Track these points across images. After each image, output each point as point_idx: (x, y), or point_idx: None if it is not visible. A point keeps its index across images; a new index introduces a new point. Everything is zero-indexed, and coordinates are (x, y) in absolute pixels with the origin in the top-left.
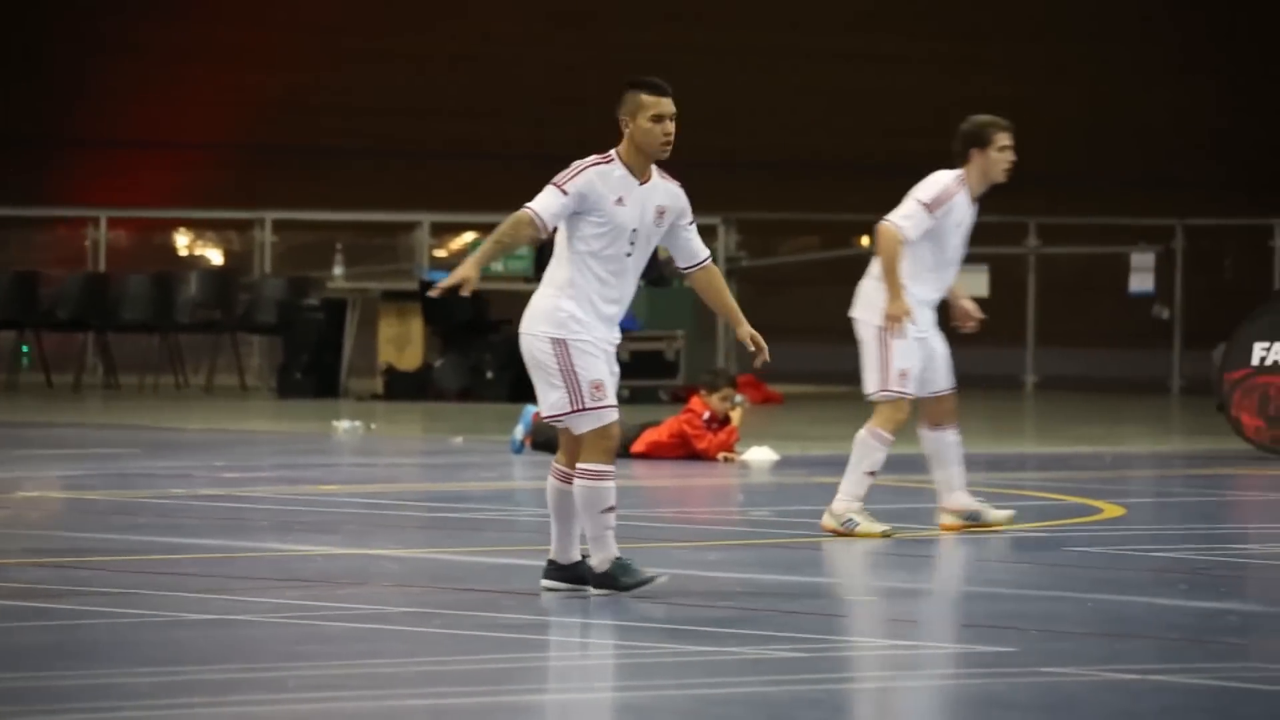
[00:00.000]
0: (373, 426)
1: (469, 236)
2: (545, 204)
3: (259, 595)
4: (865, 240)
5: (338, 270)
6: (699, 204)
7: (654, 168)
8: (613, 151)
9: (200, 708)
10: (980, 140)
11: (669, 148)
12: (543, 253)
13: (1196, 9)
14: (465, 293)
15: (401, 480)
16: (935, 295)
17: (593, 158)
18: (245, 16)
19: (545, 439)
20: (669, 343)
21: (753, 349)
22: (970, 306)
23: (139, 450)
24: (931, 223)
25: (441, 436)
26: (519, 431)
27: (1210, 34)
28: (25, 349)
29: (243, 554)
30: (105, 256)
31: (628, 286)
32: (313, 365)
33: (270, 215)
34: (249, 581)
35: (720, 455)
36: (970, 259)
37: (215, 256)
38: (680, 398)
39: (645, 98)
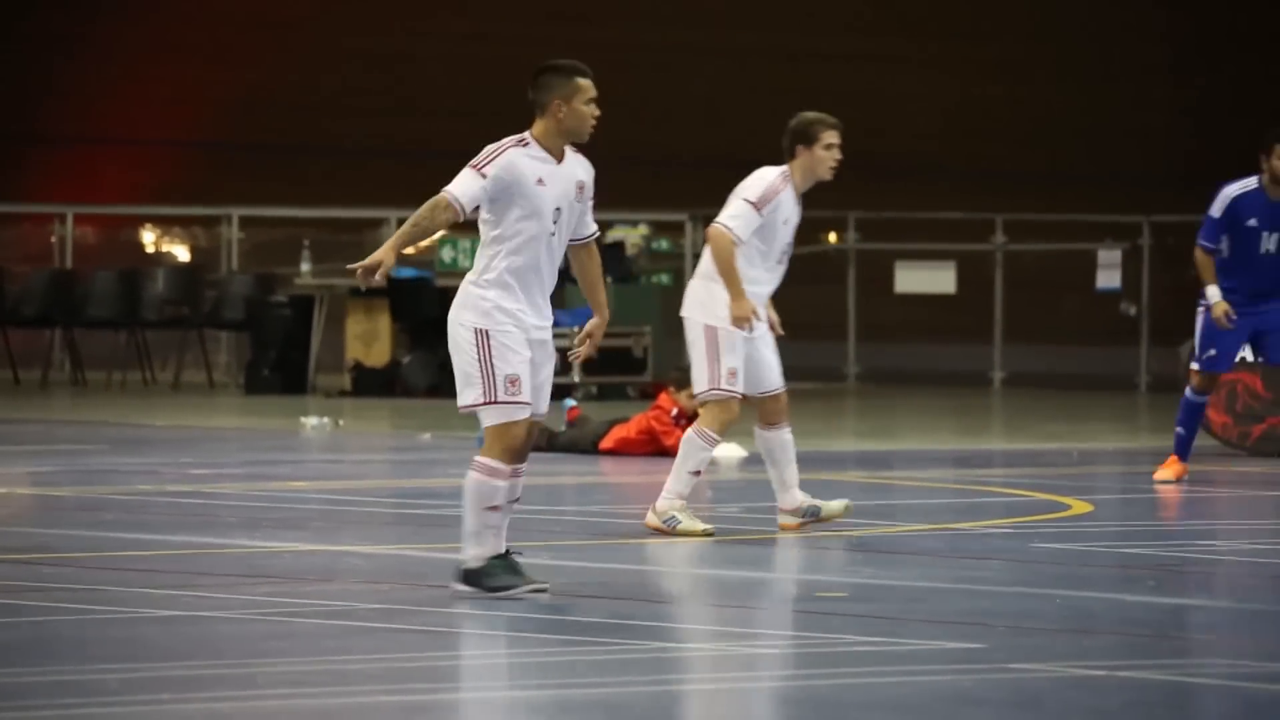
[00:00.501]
0: (340, 423)
1: (437, 234)
2: (464, 187)
3: (226, 592)
4: (834, 237)
5: (305, 267)
6: (669, 201)
7: (566, 147)
8: (527, 134)
9: (167, 704)
10: (807, 138)
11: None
12: None
13: (1160, 8)
14: (380, 277)
15: (369, 477)
16: (766, 292)
17: (510, 139)
18: (211, 14)
19: None
20: (637, 339)
21: (581, 342)
22: (775, 319)
23: (106, 447)
24: (760, 221)
25: (409, 433)
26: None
27: (1175, 34)
28: None
29: (210, 550)
30: (72, 253)
31: (553, 267)
32: (280, 362)
33: (237, 212)
34: (216, 578)
35: None
36: (937, 256)
37: (182, 253)
38: (648, 394)
39: (581, 81)
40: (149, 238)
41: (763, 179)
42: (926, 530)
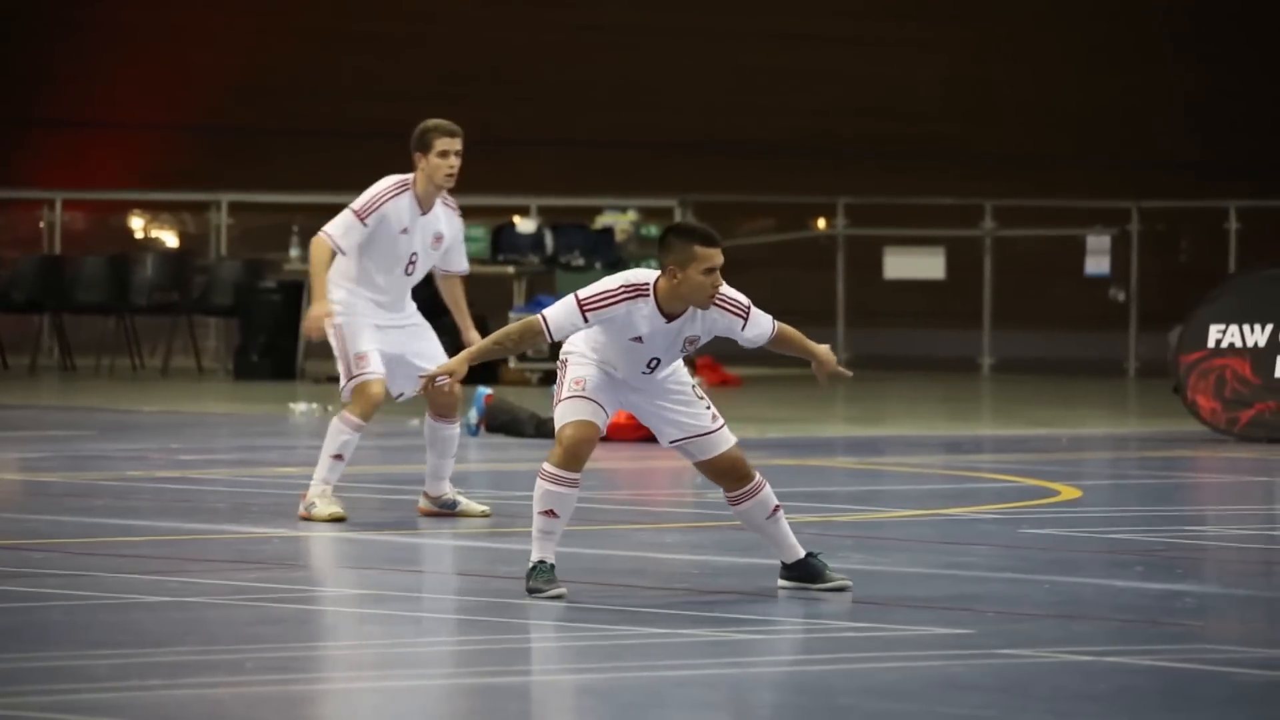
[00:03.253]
0: (329, 409)
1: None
2: (557, 317)
3: (216, 577)
4: (823, 223)
5: (294, 252)
6: (658, 186)
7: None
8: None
9: (157, 690)
10: (422, 145)
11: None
12: (499, 235)
13: None
14: (446, 384)
15: (357, 462)
16: (387, 298)
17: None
18: None
19: (500, 423)
20: None
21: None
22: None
23: (95, 432)
24: (365, 229)
25: (398, 419)
26: (472, 415)
27: (1164, 18)
28: None
29: (199, 536)
30: (60, 239)
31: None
32: (269, 347)
33: (226, 197)
34: (205, 564)
35: None
36: (926, 241)
37: (170, 239)
38: None
39: (701, 250)
40: (138, 223)
41: (374, 188)
42: (915, 516)
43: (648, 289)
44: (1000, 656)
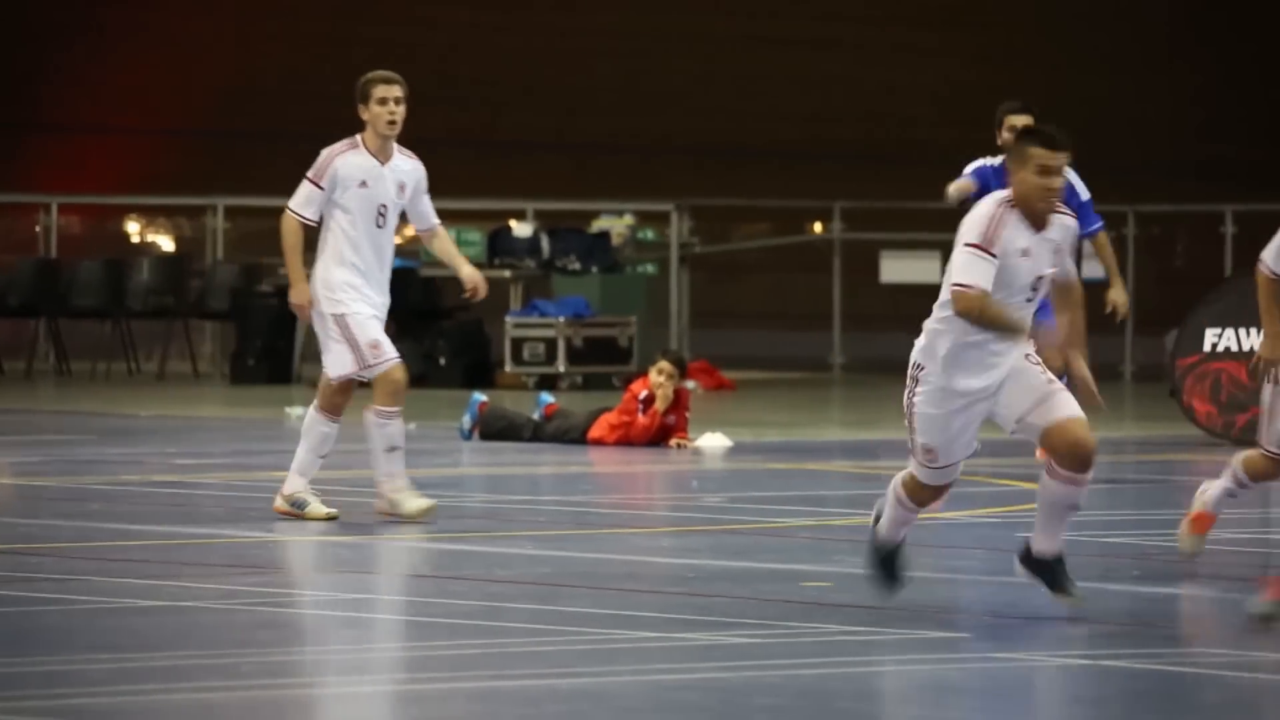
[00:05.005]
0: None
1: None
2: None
3: (211, 582)
4: (819, 227)
5: None
6: (655, 190)
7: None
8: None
9: (154, 694)
10: (362, 97)
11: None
12: (495, 238)
13: None
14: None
15: (353, 467)
16: (369, 261)
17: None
18: (197, 2)
19: (494, 430)
20: (622, 329)
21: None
22: (471, 275)
23: (91, 437)
24: (322, 192)
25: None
26: (466, 420)
27: (1163, 22)
28: None
29: (195, 541)
30: (56, 243)
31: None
32: (266, 351)
33: (222, 202)
34: (202, 568)
35: (674, 442)
36: (920, 245)
37: (166, 243)
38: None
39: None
40: (134, 227)
41: (322, 153)
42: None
43: (356, 141)
44: (995, 660)
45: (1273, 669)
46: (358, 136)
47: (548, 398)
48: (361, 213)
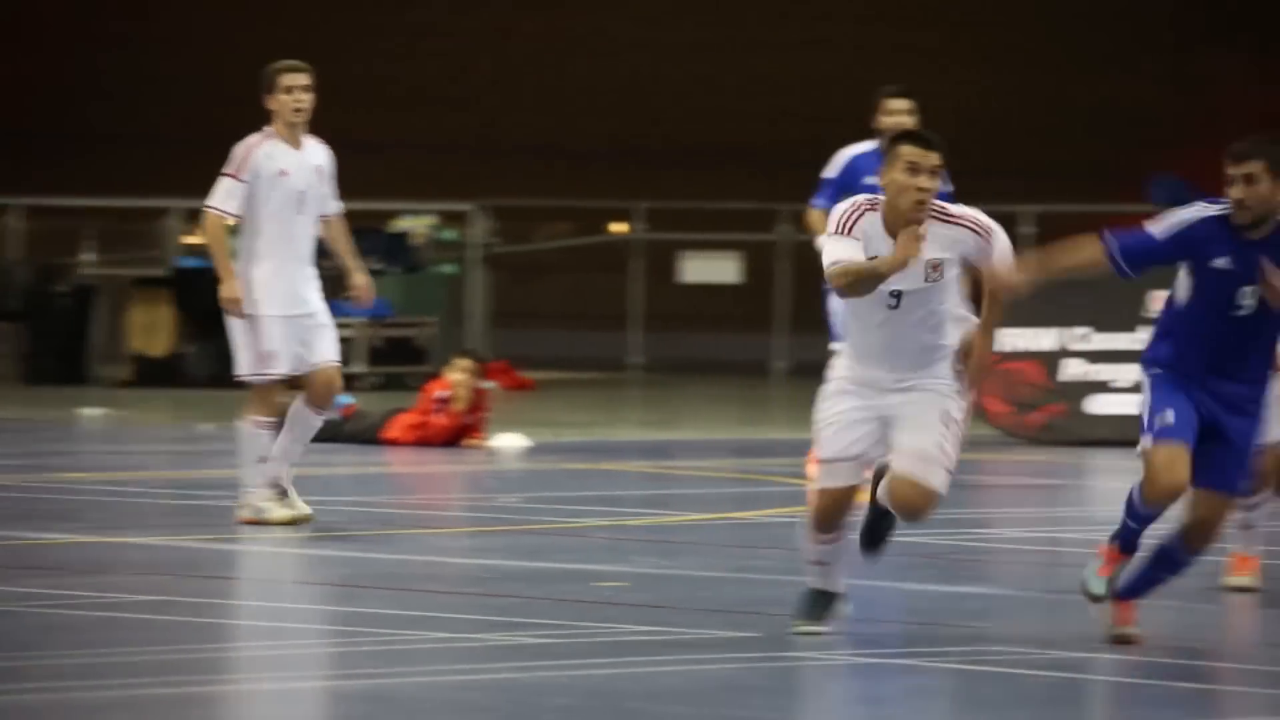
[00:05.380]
0: (118, 414)
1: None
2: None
3: (0, 584)
4: (625, 227)
5: (87, 256)
6: (456, 189)
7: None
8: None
9: None
10: (269, 86)
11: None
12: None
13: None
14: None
15: (148, 468)
16: (294, 269)
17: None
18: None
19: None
20: (420, 329)
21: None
22: (360, 281)
23: None
24: (244, 185)
25: (189, 423)
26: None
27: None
28: None
29: None
30: None
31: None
32: (61, 352)
33: (18, 201)
34: None
35: (471, 442)
36: (720, 245)
37: None
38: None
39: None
40: None
41: (236, 147)
42: (707, 520)
43: (269, 131)
44: (788, 660)
45: (1055, 666)
46: (268, 128)
47: (346, 399)
48: (282, 202)
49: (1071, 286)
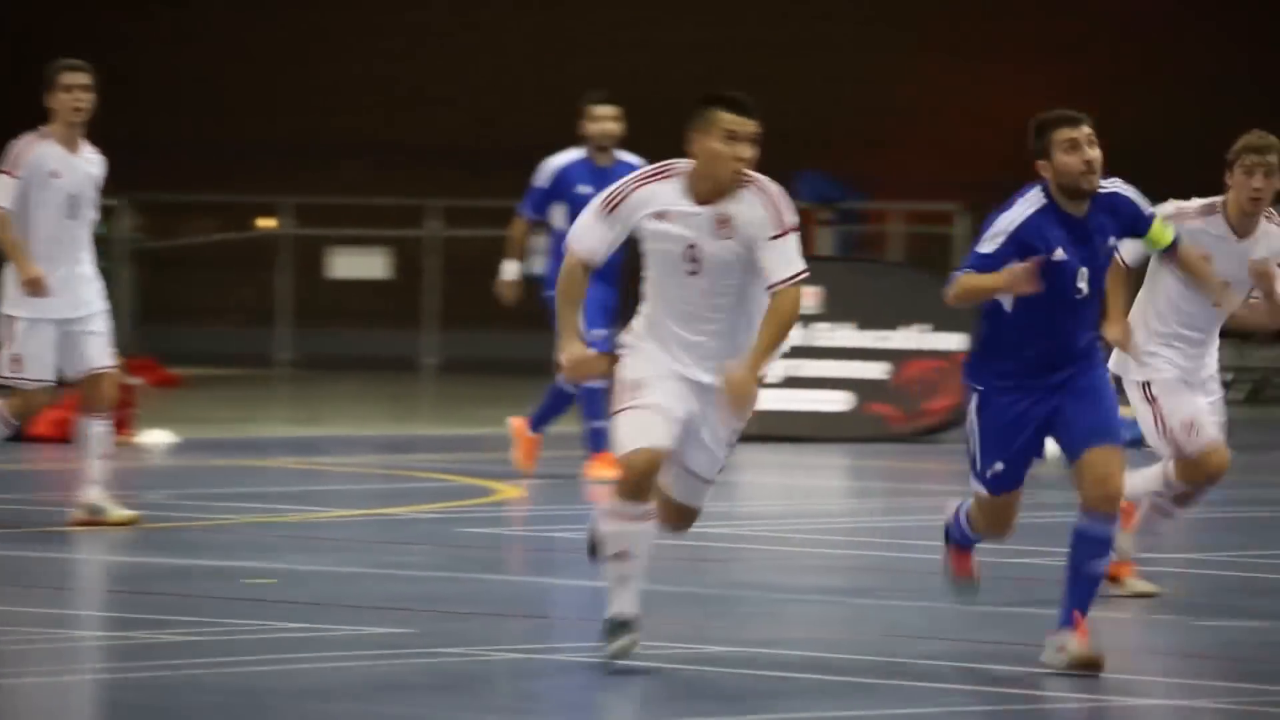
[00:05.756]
0: None
1: None
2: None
3: None
4: (273, 222)
5: None
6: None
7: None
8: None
9: None
10: (48, 84)
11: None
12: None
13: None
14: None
15: None
16: (66, 271)
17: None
18: None
19: None
20: None
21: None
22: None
23: None
24: (17, 181)
25: None
26: None
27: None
28: None
29: None
30: None
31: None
32: None
33: None
34: None
35: (115, 438)
36: (369, 241)
37: None
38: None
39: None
40: None
41: (13, 144)
42: (354, 516)
43: (46, 132)
44: (436, 655)
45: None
46: (44, 128)
47: None
48: (54, 204)
49: None
